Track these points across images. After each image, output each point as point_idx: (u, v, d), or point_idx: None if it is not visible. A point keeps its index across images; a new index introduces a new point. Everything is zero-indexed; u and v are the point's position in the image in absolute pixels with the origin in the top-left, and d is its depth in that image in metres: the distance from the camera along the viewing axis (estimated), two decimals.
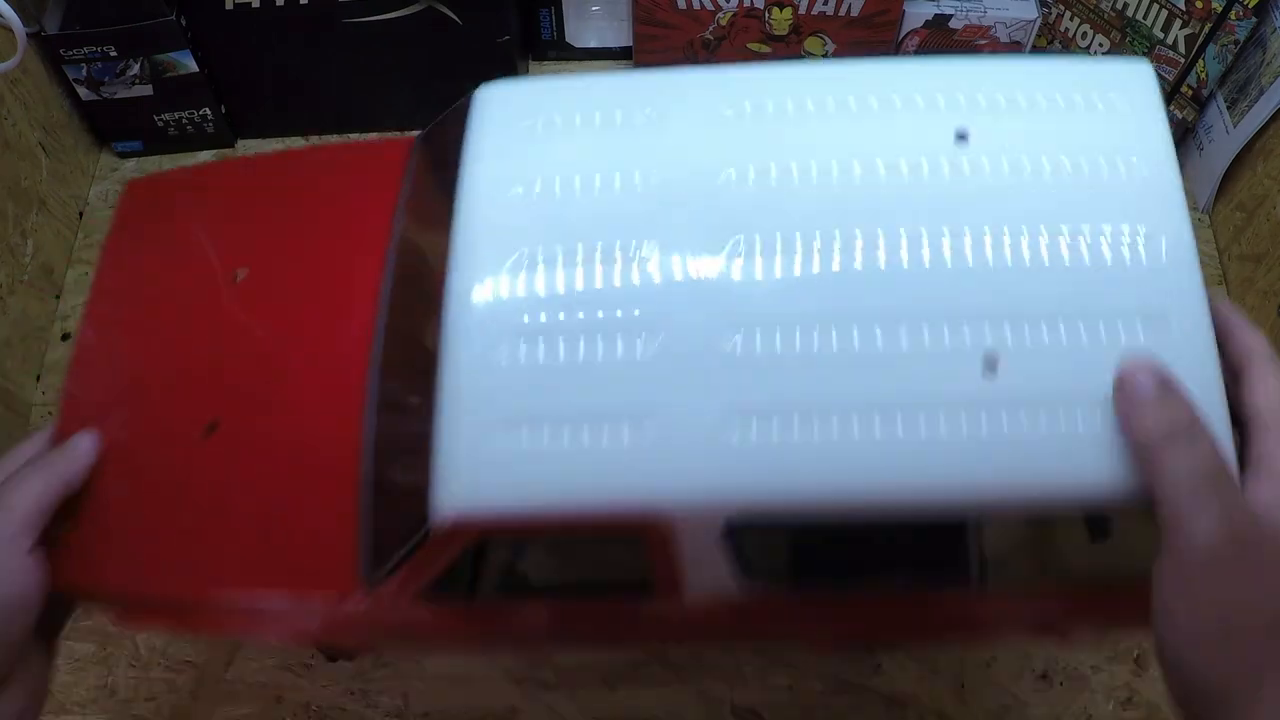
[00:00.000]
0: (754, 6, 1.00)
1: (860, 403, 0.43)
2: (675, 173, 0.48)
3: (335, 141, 1.05)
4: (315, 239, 0.59)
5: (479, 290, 0.46)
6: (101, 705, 0.77)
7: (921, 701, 0.77)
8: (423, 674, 0.78)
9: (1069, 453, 0.42)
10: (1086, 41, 1.02)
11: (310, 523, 0.51)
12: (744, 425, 0.43)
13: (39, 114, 0.94)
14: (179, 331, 0.57)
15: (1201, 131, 0.99)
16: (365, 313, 0.54)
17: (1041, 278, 0.44)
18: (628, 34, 1.07)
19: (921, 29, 1.04)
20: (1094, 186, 0.46)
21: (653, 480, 0.43)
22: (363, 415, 0.51)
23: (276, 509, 0.51)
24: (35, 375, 0.91)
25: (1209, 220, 1.01)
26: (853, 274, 0.45)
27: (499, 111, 0.52)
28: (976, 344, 0.43)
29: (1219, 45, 0.91)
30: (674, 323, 0.45)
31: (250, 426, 0.53)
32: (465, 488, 0.44)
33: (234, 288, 0.57)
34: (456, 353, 0.45)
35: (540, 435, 0.44)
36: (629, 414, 0.43)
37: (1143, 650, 0.79)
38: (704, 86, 0.51)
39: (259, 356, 0.55)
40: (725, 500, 0.43)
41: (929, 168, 0.47)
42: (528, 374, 0.44)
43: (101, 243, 0.62)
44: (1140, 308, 0.43)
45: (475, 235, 0.48)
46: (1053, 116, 0.48)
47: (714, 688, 0.78)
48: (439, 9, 0.94)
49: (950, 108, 0.48)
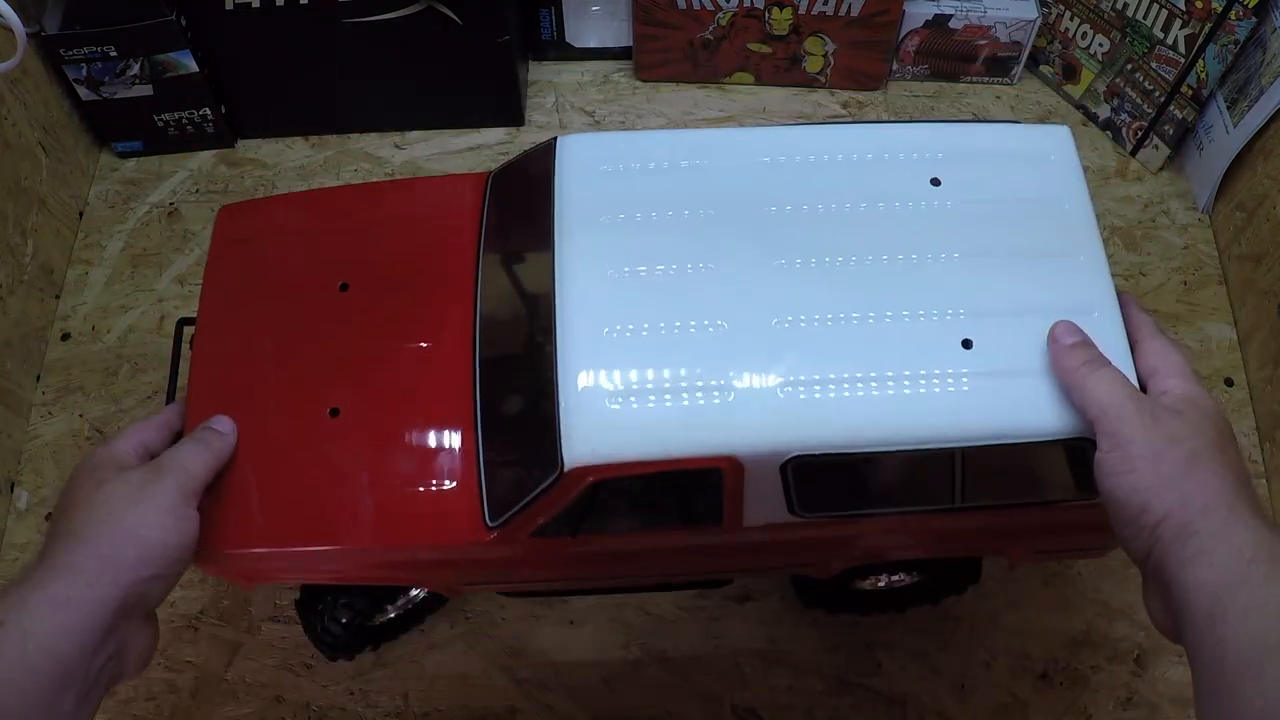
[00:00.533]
0: (754, 6, 1.00)
1: (876, 371, 0.58)
2: (727, 206, 0.63)
3: (335, 141, 1.05)
4: (410, 255, 0.70)
5: (587, 293, 0.60)
6: (102, 705, 0.76)
7: (921, 701, 0.77)
8: (422, 674, 0.78)
9: (1023, 404, 0.57)
10: (1086, 41, 1.02)
11: (436, 484, 0.63)
12: (793, 389, 0.57)
13: (39, 114, 0.94)
14: (293, 332, 0.68)
15: (1201, 131, 0.99)
16: (463, 314, 0.66)
17: (1002, 283, 0.61)
18: (628, 34, 1.07)
19: (922, 29, 1.04)
20: (1034, 219, 0.63)
21: (727, 431, 0.57)
22: (472, 398, 0.64)
23: (404, 475, 0.63)
24: (35, 375, 0.91)
25: (1209, 220, 1.01)
26: (868, 280, 0.61)
27: (581, 156, 0.66)
28: (958, 330, 0.59)
29: (1219, 45, 0.91)
30: (736, 315, 0.59)
31: (369, 411, 0.64)
32: (589, 442, 0.57)
33: (340, 296, 0.68)
34: (573, 342, 0.59)
35: (643, 401, 0.57)
36: (706, 382, 0.57)
37: (1143, 650, 0.79)
38: (742, 142, 0.67)
39: (371, 353, 0.66)
40: (782, 444, 0.57)
41: (915, 204, 0.64)
42: (630, 355, 0.58)
43: (205, 259, 0.72)
44: (1070, 304, 0.59)
45: (577, 250, 0.62)
46: (1000, 168, 0.65)
47: (714, 688, 0.78)
48: (439, 9, 0.94)
49: (927, 161, 0.65)
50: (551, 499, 0.58)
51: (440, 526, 0.62)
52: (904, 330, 0.59)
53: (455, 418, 0.64)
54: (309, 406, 0.65)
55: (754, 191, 0.64)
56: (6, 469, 0.86)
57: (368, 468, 0.63)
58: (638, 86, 1.09)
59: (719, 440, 0.57)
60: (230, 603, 0.81)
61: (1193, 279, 0.97)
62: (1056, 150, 0.66)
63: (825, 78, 1.08)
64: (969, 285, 0.60)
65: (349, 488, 0.63)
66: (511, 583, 0.71)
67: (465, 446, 0.63)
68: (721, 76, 1.09)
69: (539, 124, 1.07)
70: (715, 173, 0.64)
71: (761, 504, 0.60)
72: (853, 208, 0.63)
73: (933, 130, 0.67)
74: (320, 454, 0.64)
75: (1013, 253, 0.62)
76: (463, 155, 1.05)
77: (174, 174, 1.04)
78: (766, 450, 0.57)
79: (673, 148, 0.66)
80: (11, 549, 0.83)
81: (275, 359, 0.67)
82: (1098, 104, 1.05)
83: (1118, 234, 1.00)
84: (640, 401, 0.57)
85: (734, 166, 0.65)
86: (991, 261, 0.61)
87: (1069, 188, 0.65)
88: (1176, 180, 1.03)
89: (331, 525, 0.63)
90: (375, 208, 0.73)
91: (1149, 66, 0.98)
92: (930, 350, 0.58)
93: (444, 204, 0.72)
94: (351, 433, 0.64)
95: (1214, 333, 0.94)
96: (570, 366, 0.58)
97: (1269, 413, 0.87)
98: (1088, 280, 0.61)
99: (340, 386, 0.65)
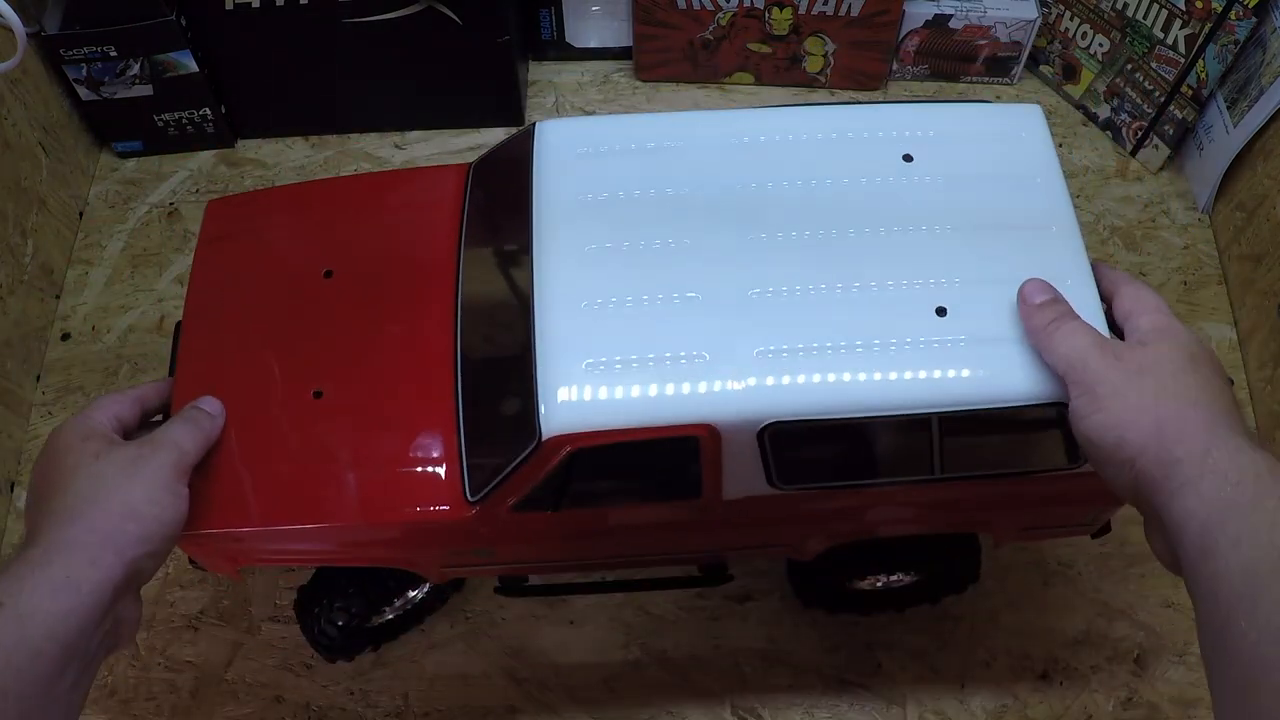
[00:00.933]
0: (754, 6, 1.00)
1: (850, 339, 0.58)
2: (703, 184, 0.64)
3: (335, 141, 1.05)
4: (393, 243, 0.71)
5: (564, 268, 0.60)
6: (102, 705, 0.77)
7: (921, 701, 0.77)
8: (423, 674, 0.78)
9: (998, 369, 0.58)
10: (1086, 41, 1.02)
11: (418, 461, 0.63)
12: (769, 357, 0.58)
13: (39, 114, 0.94)
14: (278, 318, 0.68)
15: (1201, 131, 0.99)
16: (445, 297, 0.67)
17: (975, 254, 0.61)
18: (628, 34, 1.07)
19: (922, 29, 1.04)
20: (1006, 194, 0.64)
21: (704, 398, 0.57)
22: (453, 378, 0.64)
23: (388, 454, 0.63)
24: (35, 375, 0.91)
25: (1209, 220, 1.01)
26: (842, 252, 0.61)
27: (558, 139, 0.66)
28: (932, 299, 0.59)
29: (1219, 45, 0.91)
30: (712, 287, 0.59)
31: (353, 393, 0.65)
32: (566, 411, 0.57)
33: (325, 283, 0.69)
34: (550, 315, 0.59)
35: (620, 371, 0.57)
36: (683, 352, 0.58)
37: (1143, 650, 0.79)
38: (717, 123, 0.67)
39: (355, 336, 0.67)
40: (758, 411, 0.57)
41: (888, 179, 0.64)
42: (607, 327, 0.58)
43: (194, 249, 0.72)
44: (1044, 273, 0.59)
45: (554, 228, 0.62)
46: (972, 145, 0.66)
47: (714, 688, 0.78)
48: (439, 9, 0.94)
49: (900, 139, 0.66)
50: (530, 470, 0.59)
51: (422, 503, 0.62)
52: (878, 299, 0.59)
53: (437, 398, 0.64)
54: (293, 389, 0.65)
55: (730, 170, 0.64)
56: (6, 469, 0.86)
57: (351, 447, 0.64)
58: (638, 86, 1.09)
59: (696, 408, 0.57)
60: (230, 603, 0.81)
61: (1193, 279, 0.97)
62: (1028, 128, 0.67)
63: (825, 78, 1.08)
64: (942, 256, 0.61)
65: (333, 466, 0.63)
66: (495, 564, 0.71)
67: (446, 425, 0.63)
68: (721, 76, 1.09)
69: None
70: (692, 152, 0.65)
71: (741, 475, 0.60)
72: (827, 184, 0.64)
73: (906, 110, 0.68)
74: (304, 434, 0.64)
75: (985, 225, 0.62)
76: (463, 155, 1.04)
77: (174, 174, 1.04)
78: (743, 417, 0.57)
79: (651, 129, 0.67)
80: (11, 549, 0.83)
81: (260, 343, 0.67)
82: (1098, 104, 1.05)
83: (1118, 234, 1.00)
84: (617, 371, 0.57)
85: (711, 146, 0.65)
86: (964, 233, 0.62)
87: (1041, 163, 0.65)
88: (1176, 180, 1.03)
89: (315, 503, 0.63)
90: (360, 198, 0.74)
91: (1149, 66, 0.98)
92: (904, 318, 0.59)
93: (427, 193, 0.73)
94: (335, 414, 0.65)
95: (1214, 333, 0.94)
96: (548, 338, 0.58)
97: (1269, 412, 0.87)
98: (1061, 250, 0.62)
99: (324, 369, 0.66)
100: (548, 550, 0.69)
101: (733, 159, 0.65)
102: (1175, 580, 0.81)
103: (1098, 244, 0.99)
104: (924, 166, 0.65)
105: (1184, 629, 0.80)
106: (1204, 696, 0.77)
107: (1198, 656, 0.78)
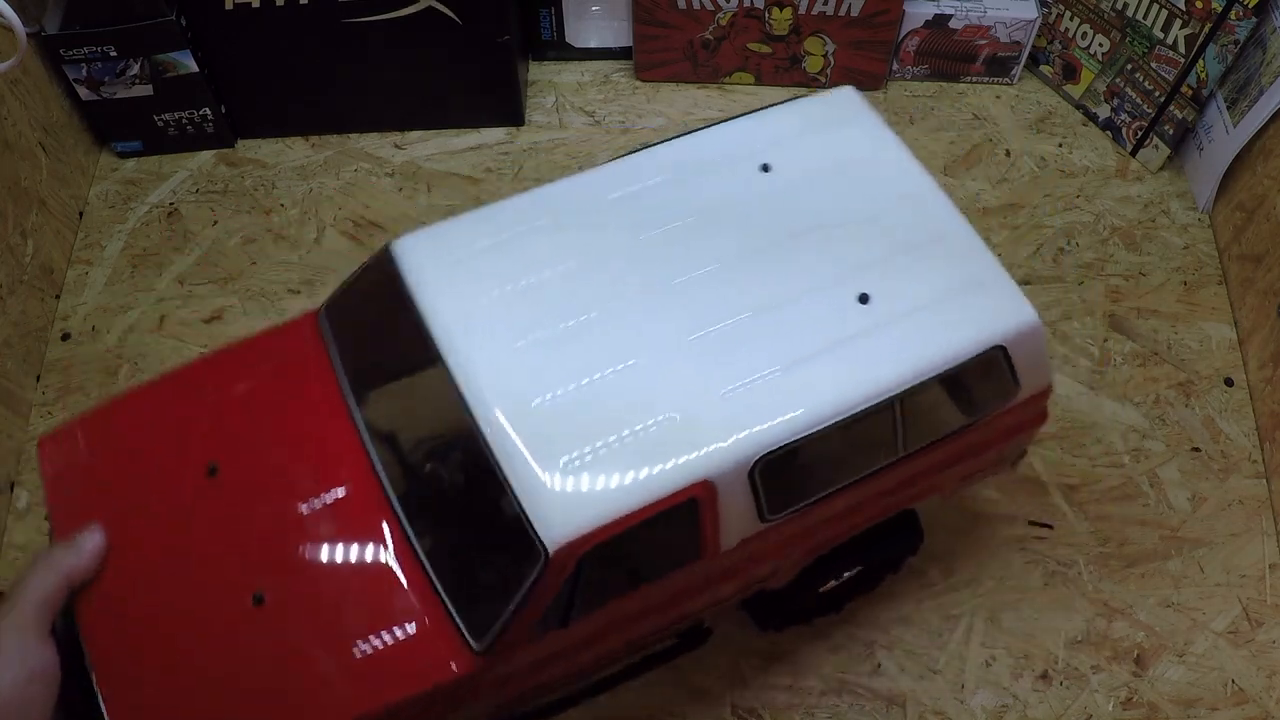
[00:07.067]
0: (754, 6, 1.00)
1: (800, 351, 0.59)
2: (587, 252, 0.62)
3: (335, 141, 1.05)
4: (267, 418, 0.65)
5: (491, 375, 0.57)
6: None
7: (921, 701, 0.77)
8: None
9: (936, 333, 0.60)
10: (1086, 41, 1.02)
11: (403, 631, 0.58)
12: (734, 396, 0.57)
13: (39, 114, 0.94)
14: (176, 532, 0.61)
15: (1201, 131, 0.99)
16: (352, 451, 0.62)
17: (866, 236, 0.64)
18: (628, 34, 1.07)
19: (921, 29, 1.04)
20: (863, 175, 0.66)
21: (691, 456, 0.55)
22: (398, 532, 0.59)
23: (364, 637, 0.57)
24: (35, 375, 0.91)
25: (1209, 220, 1.01)
26: (750, 274, 0.62)
27: (422, 254, 0.62)
28: (851, 289, 0.61)
29: (1219, 45, 0.91)
30: (648, 347, 0.58)
31: (295, 582, 0.59)
32: (564, 517, 0.53)
33: (212, 481, 0.62)
34: (500, 425, 0.55)
35: (599, 458, 0.54)
36: (651, 418, 0.56)
37: (1143, 650, 0.79)
38: (572, 191, 0.65)
39: (270, 524, 0.61)
40: (745, 450, 0.56)
41: (758, 192, 0.65)
42: (565, 420, 0.55)
43: (45, 498, 0.64)
44: (930, 233, 0.63)
45: (461, 339, 0.58)
46: (814, 140, 0.68)
47: (714, 688, 0.78)
48: (439, 9, 0.94)
49: (752, 153, 0.67)
50: (541, 590, 0.55)
51: (421, 670, 0.57)
52: (807, 306, 0.60)
53: (391, 557, 0.59)
54: (228, 601, 0.58)
55: (607, 231, 0.63)
56: (6, 469, 0.86)
57: (322, 639, 0.58)
58: (638, 86, 1.09)
59: (689, 469, 0.55)
60: None
61: (1193, 279, 0.97)
62: (851, 110, 0.70)
63: (825, 78, 1.08)
64: (840, 247, 0.63)
65: (311, 666, 0.57)
66: (503, 705, 0.65)
67: (414, 581, 0.59)
68: (721, 76, 1.09)
69: (539, 124, 1.07)
70: (562, 226, 0.64)
71: (735, 521, 0.59)
72: (704, 214, 0.64)
73: (743, 123, 0.70)
74: (263, 644, 0.58)
75: (861, 207, 0.65)
76: (463, 155, 1.05)
77: (174, 174, 1.04)
78: (735, 461, 0.56)
79: (509, 216, 0.64)
80: (11, 549, 0.83)
81: (166, 567, 0.60)
82: (1098, 104, 1.05)
83: (1118, 234, 1.00)
84: (597, 460, 0.55)
85: (577, 213, 0.64)
86: (848, 221, 0.64)
87: (878, 139, 0.68)
88: (1176, 180, 1.03)
89: (302, 712, 0.57)
90: (209, 386, 0.67)
91: (1149, 66, 0.98)
92: (837, 315, 0.60)
93: (278, 356, 0.67)
94: (288, 610, 0.58)
95: (1214, 333, 0.94)
96: (509, 450, 0.55)
97: (1269, 412, 0.87)
98: (934, 210, 0.65)
99: (254, 568, 0.60)
100: (560, 668, 0.64)
101: (605, 219, 0.64)
102: (1175, 580, 0.82)
103: (1098, 244, 0.99)
104: (783, 171, 0.66)
105: (1184, 629, 0.80)
106: (1204, 696, 0.77)
107: (1198, 656, 0.79)
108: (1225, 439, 0.88)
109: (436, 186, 1.03)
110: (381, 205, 1.01)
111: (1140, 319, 0.95)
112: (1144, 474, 0.87)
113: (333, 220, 1.00)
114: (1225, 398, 0.91)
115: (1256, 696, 0.77)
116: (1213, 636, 0.79)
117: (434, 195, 1.02)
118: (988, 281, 0.63)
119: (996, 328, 0.61)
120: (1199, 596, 0.81)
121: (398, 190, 1.02)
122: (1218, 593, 0.81)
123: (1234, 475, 0.87)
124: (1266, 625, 0.80)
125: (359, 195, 1.02)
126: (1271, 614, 0.80)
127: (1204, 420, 0.89)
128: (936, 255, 0.64)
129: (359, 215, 1.01)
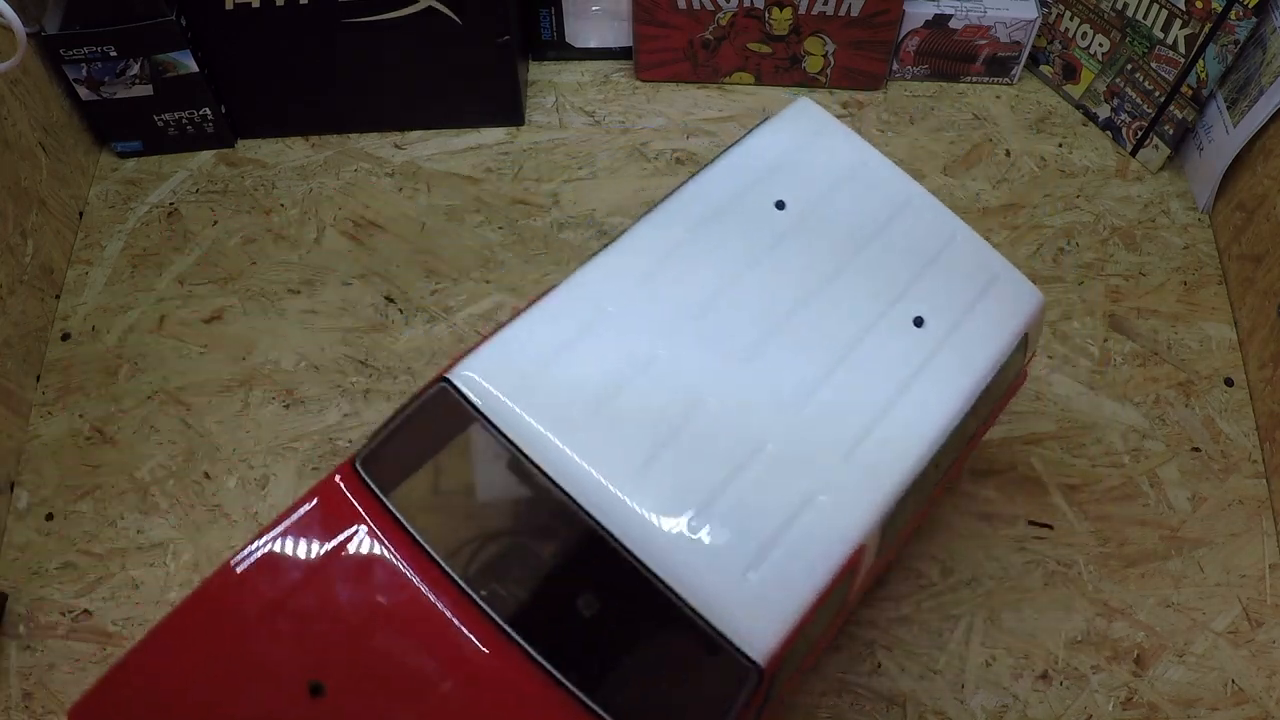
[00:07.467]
0: (754, 6, 1.00)
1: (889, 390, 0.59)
2: (659, 337, 0.59)
3: (335, 141, 1.05)
4: (359, 623, 0.57)
5: (621, 495, 0.53)
6: None
7: (921, 701, 0.77)
8: None
9: (985, 332, 0.62)
10: (1086, 41, 1.02)
11: None
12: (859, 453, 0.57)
13: (39, 114, 0.94)
14: None
15: (1201, 131, 0.99)
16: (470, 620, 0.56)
17: (894, 256, 0.64)
18: (628, 34, 1.07)
19: (922, 29, 1.04)
20: (863, 190, 0.66)
21: (844, 526, 0.55)
22: (557, 687, 0.55)
23: None
24: (35, 375, 0.91)
25: (1209, 220, 1.01)
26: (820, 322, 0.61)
27: (487, 381, 0.56)
28: (906, 315, 0.62)
29: (1219, 45, 0.91)
30: (770, 428, 0.57)
31: None
32: (761, 623, 0.52)
33: (319, 702, 0.55)
34: (654, 550, 0.52)
35: (773, 556, 0.53)
36: (799, 500, 0.55)
37: (1143, 650, 0.79)
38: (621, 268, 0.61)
39: None
40: (880, 504, 0.56)
41: (788, 233, 0.63)
42: (720, 525, 0.53)
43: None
44: (943, 239, 0.64)
45: (571, 463, 0.54)
46: (806, 163, 0.66)
47: None
48: (439, 9, 0.94)
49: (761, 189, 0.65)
50: (754, 703, 0.53)
51: None
52: (874, 348, 0.60)
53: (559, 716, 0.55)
54: None
55: (660, 309, 0.59)
56: (6, 469, 0.86)
57: None
58: (638, 86, 1.09)
59: (845, 541, 0.55)
60: None
61: (1193, 279, 0.97)
62: (814, 122, 0.69)
63: (825, 78, 1.08)
64: (875, 277, 0.63)
65: None
66: None
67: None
68: (721, 76, 1.09)
69: (539, 124, 1.07)
70: (614, 314, 0.59)
71: (866, 569, 0.60)
72: (746, 269, 0.62)
73: (738, 160, 0.66)
74: None
75: (869, 226, 0.65)
76: (463, 155, 1.05)
77: (174, 174, 1.04)
78: (878, 519, 0.57)
79: (561, 316, 0.59)
80: (11, 549, 0.83)
81: None
82: (1098, 104, 1.05)
83: (1118, 234, 1.00)
84: (768, 558, 0.53)
85: (619, 297, 0.60)
86: (868, 245, 0.64)
87: (852, 147, 0.68)
88: (1176, 180, 1.03)
89: None
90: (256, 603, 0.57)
91: (1149, 66, 0.98)
92: (903, 347, 0.60)
93: (323, 535, 0.58)
94: None
95: (1214, 333, 0.94)
96: (687, 574, 0.52)
97: (1269, 412, 0.87)
98: (926, 212, 0.66)
99: None
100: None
101: (649, 298, 0.60)
102: (1175, 580, 0.82)
103: (1098, 243, 0.99)
104: (796, 204, 0.65)
105: (1184, 629, 0.80)
106: (1204, 696, 0.77)
107: (1198, 656, 0.79)
108: (1225, 439, 0.88)
109: (436, 186, 1.03)
110: (381, 205, 1.01)
111: (1140, 319, 0.95)
112: (1144, 474, 0.87)
113: (333, 220, 1.00)
114: (1225, 398, 0.91)
115: (1256, 696, 0.77)
116: (1213, 636, 0.79)
117: (434, 195, 1.02)
118: (999, 273, 0.65)
119: (1021, 317, 0.64)
120: (1199, 596, 0.81)
121: (398, 190, 1.02)
122: (1218, 593, 0.81)
123: (1234, 475, 0.87)
124: (1266, 625, 0.80)
125: (359, 195, 1.02)
126: (1271, 614, 0.80)
127: (1204, 420, 0.89)
128: (953, 260, 0.65)
129: (359, 215, 1.01)
